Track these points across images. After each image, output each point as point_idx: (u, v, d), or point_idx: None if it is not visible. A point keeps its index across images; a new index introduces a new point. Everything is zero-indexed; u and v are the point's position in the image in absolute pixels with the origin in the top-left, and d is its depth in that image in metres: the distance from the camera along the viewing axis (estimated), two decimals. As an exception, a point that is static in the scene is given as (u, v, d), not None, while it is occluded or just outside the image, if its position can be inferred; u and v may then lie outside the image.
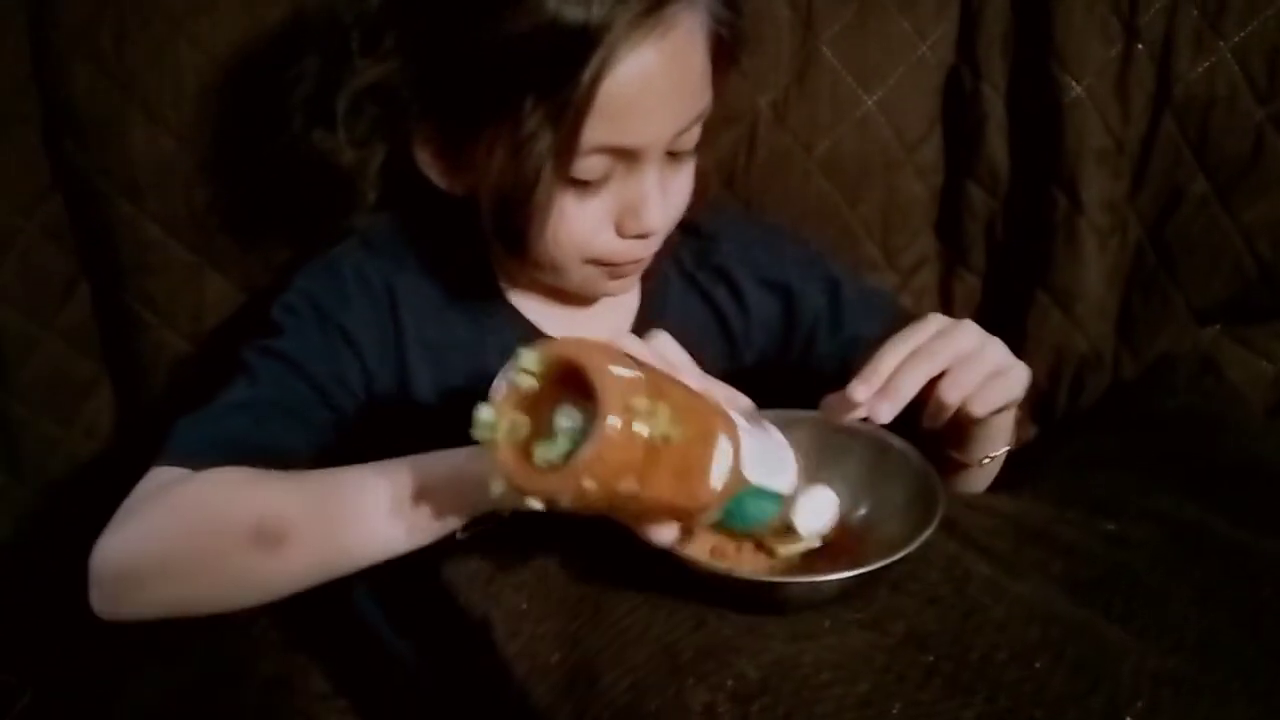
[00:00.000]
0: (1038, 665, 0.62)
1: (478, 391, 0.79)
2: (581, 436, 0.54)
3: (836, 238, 0.98)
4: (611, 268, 0.78)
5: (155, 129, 0.87)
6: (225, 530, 0.65)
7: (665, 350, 0.63)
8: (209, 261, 0.91)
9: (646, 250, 0.78)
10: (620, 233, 0.75)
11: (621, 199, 0.74)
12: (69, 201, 0.91)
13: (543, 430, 0.56)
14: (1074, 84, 0.94)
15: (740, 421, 0.61)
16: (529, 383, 0.56)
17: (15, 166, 0.89)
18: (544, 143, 0.68)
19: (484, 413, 0.57)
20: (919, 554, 0.68)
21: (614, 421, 0.52)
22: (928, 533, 0.67)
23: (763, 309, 0.87)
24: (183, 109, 0.87)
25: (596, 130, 0.69)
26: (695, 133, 0.75)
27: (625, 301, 0.85)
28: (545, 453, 0.55)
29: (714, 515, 0.62)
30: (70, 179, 0.90)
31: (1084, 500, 0.82)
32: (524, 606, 0.68)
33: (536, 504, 0.56)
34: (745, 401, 0.64)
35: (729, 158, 0.94)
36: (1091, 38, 0.94)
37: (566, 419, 0.56)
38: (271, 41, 0.86)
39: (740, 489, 0.61)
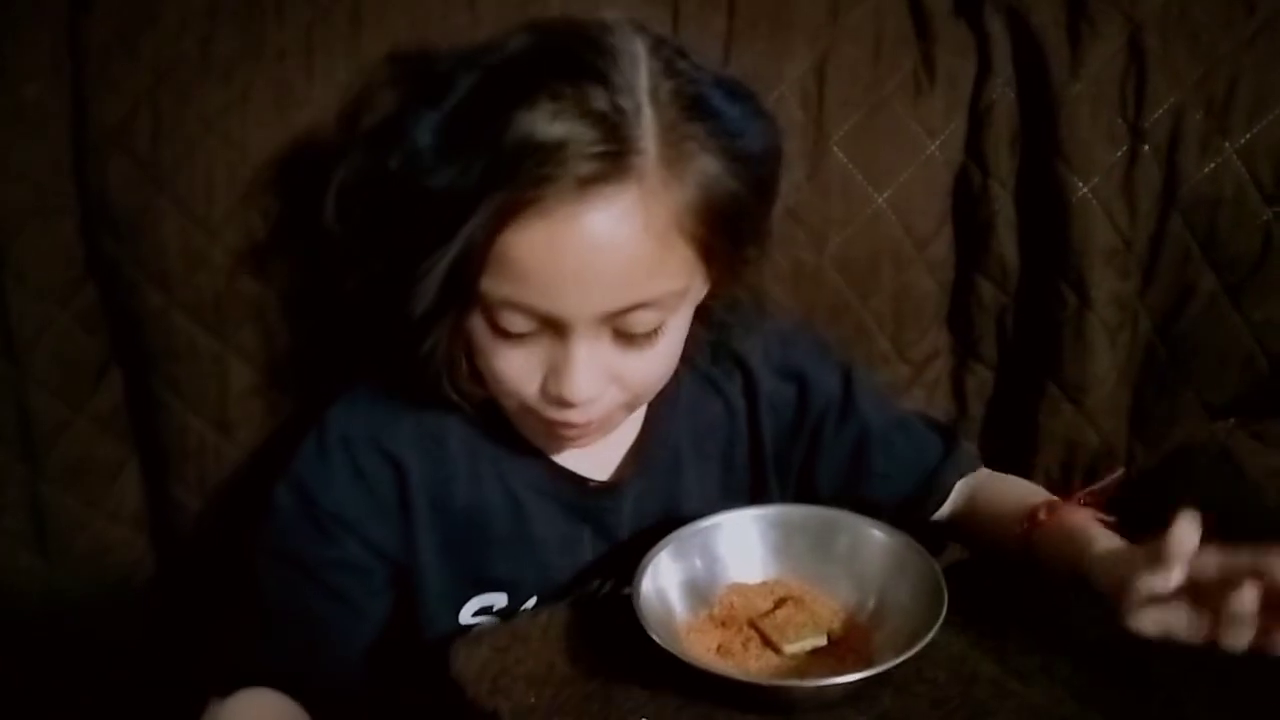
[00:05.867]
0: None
1: (475, 524, 0.81)
2: None
3: (848, 332, 0.99)
4: (547, 422, 0.75)
5: (186, 223, 0.90)
6: None
7: None
8: (234, 351, 0.93)
9: (580, 418, 0.73)
10: (543, 393, 0.72)
11: (549, 360, 0.71)
12: (102, 290, 0.94)
13: None
14: (1080, 184, 0.96)
15: None
16: None
17: (52, 257, 0.91)
18: (442, 284, 0.68)
19: None
20: (926, 651, 0.68)
21: None
22: (931, 634, 0.68)
23: (777, 397, 0.87)
24: (213, 205, 0.89)
25: (501, 284, 0.68)
26: (653, 319, 0.71)
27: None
28: None
29: None
30: (103, 269, 0.92)
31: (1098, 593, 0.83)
32: (532, 701, 0.69)
33: None
34: None
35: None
36: (1097, 139, 0.96)
37: None
38: (301, 140, 0.89)
39: None
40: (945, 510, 0.89)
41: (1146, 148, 0.96)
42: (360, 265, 0.75)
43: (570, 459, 0.83)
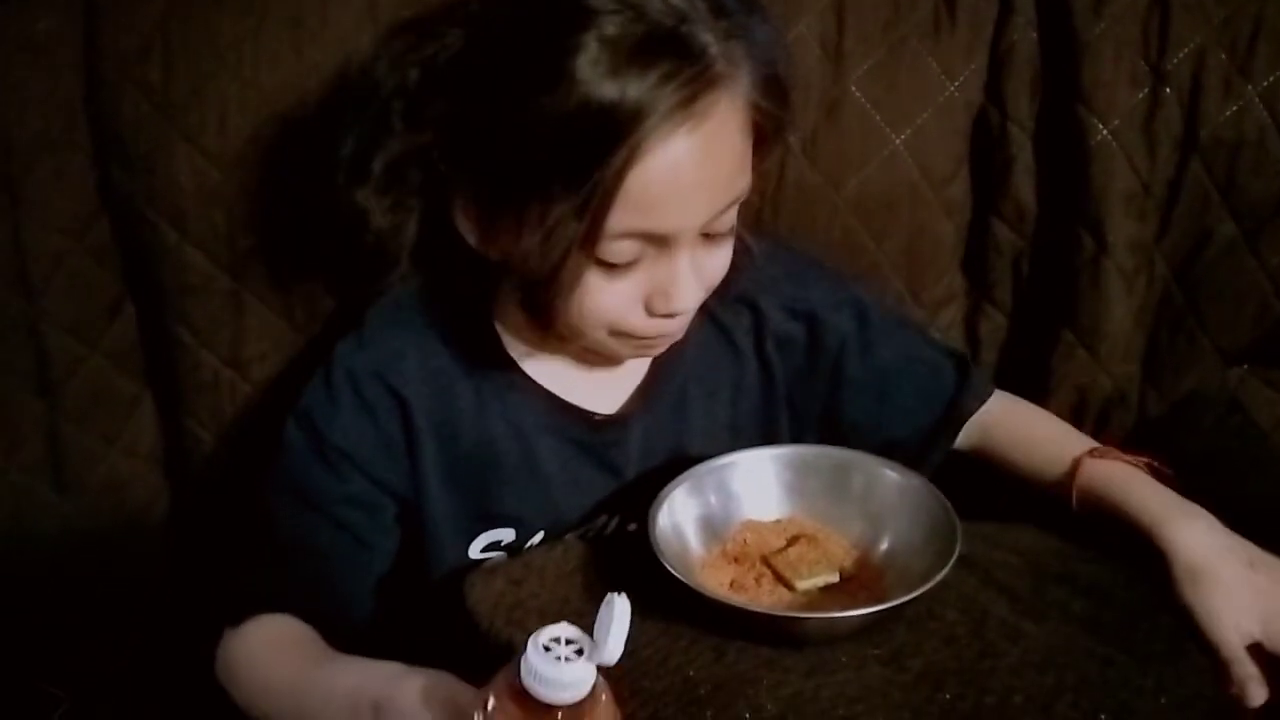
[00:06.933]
0: (1054, 709, 0.63)
1: (482, 459, 0.82)
2: None
3: (863, 273, 0.98)
4: (640, 341, 0.77)
5: (199, 158, 0.89)
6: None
7: None
8: (248, 288, 0.93)
9: (677, 326, 0.77)
10: (650, 311, 0.74)
11: (653, 280, 0.73)
12: (115, 226, 0.93)
13: None
14: (1101, 127, 0.95)
15: None
16: None
17: (65, 191, 0.91)
18: (571, 227, 0.68)
19: None
20: (937, 591, 0.69)
21: None
22: (944, 572, 0.69)
23: (787, 336, 0.87)
24: (226, 140, 0.89)
25: (624, 217, 0.69)
26: (732, 214, 0.74)
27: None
28: None
29: None
30: (117, 204, 0.92)
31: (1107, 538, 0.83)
32: (546, 634, 0.70)
33: None
34: None
35: (757, 194, 0.95)
36: (1119, 81, 0.94)
37: None
38: (315, 77, 0.88)
39: None
40: (961, 439, 0.89)
41: (1168, 90, 0.95)
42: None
43: (577, 394, 0.84)
